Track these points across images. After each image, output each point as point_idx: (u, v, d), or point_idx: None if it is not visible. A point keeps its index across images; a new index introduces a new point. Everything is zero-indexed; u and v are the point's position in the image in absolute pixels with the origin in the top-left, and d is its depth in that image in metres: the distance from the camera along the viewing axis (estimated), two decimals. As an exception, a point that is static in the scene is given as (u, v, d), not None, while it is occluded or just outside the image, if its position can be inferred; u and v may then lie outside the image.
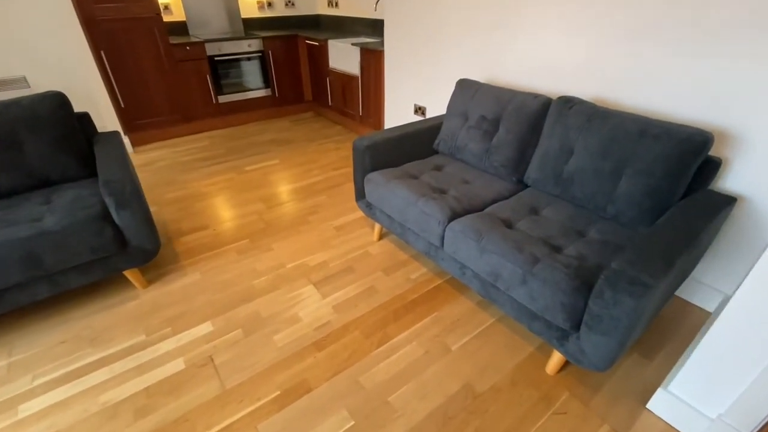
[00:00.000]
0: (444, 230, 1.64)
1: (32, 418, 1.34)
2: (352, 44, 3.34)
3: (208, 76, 3.76)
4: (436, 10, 2.52)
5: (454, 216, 1.65)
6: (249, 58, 3.94)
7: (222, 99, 3.95)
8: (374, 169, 2.04)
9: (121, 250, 1.71)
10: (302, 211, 2.55)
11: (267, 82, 4.16)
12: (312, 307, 1.80)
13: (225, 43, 3.74)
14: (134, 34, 3.26)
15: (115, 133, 2.10)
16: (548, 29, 1.96)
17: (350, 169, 3.13)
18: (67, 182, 1.92)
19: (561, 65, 1.96)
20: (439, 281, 1.95)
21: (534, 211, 1.69)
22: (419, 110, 2.98)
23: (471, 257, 1.53)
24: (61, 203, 1.70)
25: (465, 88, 2.13)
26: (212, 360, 1.55)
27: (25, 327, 1.69)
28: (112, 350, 1.59)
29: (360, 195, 2.14)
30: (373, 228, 2.36)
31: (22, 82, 3.30)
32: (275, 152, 3.48)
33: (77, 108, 3.65)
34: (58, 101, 1.85)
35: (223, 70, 3.85)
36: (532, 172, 1.82)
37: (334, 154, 3.43)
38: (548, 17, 1.94)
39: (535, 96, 1.85)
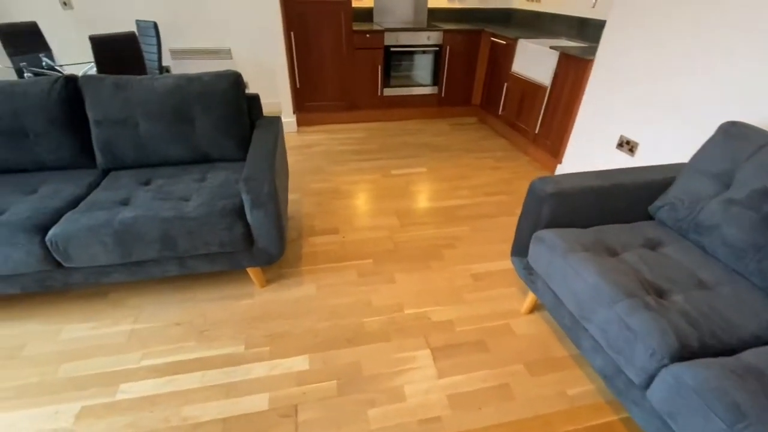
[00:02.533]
0: (659, 370, 1.01)
1: (123, 405, 1.31)
2: (550, 47, 2.70)
3: (380, 66, 3.63)
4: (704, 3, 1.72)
5: (684, 352, 1.00)
6: (424, 52, 3.66)
7: (387, 92, 3.80)
8: (552, 224, 1.48)
9: (247, 248, 1.60)
10: (438, 241, 2.14)
11: (435, 80, 3.84)
12: (422, 384, 1.39)
13: (404, 34, 3.53)
14: (322, 18, 3.30)
15: (277, 121, 2.04)
16: None
17: (507, 198, 2.57)
18: (224, 161, 1.93)
19: None
20: (612, 417, 1.31)
21: None
22: (626, 145, 2.20)
23: (706, 442, 0.88)
24: (210, 185, 1.68)
25: (735, 138, 1.35)
26: (296, 412, 1.30)
27: (154, 296, 1.75)
28: (211, 353, 1.49)
29: (519, 250, 1.61)
30: (524, 294, 1.80)
31: (228, 53, 3.70)
32: (426, 158, 3.14)
33: (260, 83, 3.98)
34: (233, 81, 1.84)
35: (395, 62, 3.67)
36: None
37: (490, 173, 2.91)
38: None
39: None
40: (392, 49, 3.57)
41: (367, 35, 3.45)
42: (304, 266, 1.94)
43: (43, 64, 2.72)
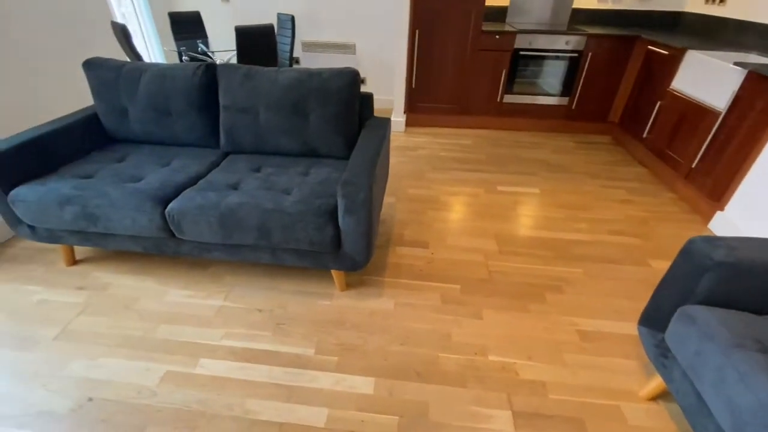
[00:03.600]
0: None
1: (199, 380, 1.37)
2: (734, 63, 2.12)
3: (504, 70, 3.33)
4: None
5: None
6: (558, 57, 3.25)
7: (507, 98, 3.48)
8: (709, 300, 1.11)
9: (335, 250, 1.56)
10: (542, 279, 1.85)
11: (567, 89, 3.38)
12: (496, 454, 1.18)
13: (540, 37, 3.17)
14: (451, 16, 3.13)
15: (386, 123, 1.96)
16: None
17: (638, 242, 2.12)
18: (329, 158, 1.93)
19: None
20: None
21: None
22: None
23: None
24: (312, 181, 1.68)
25: None
26: (351, 440, 1.21)
27: (246, 277, 1.83)
28: (282, 349, 1.49)
29: (653, 321, 1.26)
30: (648, 374, 1.43)
31: (352, 48, 3.79)
32: (540, 178, 2.79)
33: (377, 79, 4.00)
34: (350, 80, 1.80)
35: (522, 67, 3.33)
36: None
37: (619, 208, 2.44)
38: None
39: None
40: (522, 52, 3.24)
41: (497, 36, 3.19)
42: (387, 277, 1.84)
43: (199, 49, 3.11)
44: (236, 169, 1.80)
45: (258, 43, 2.68)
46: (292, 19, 3.18)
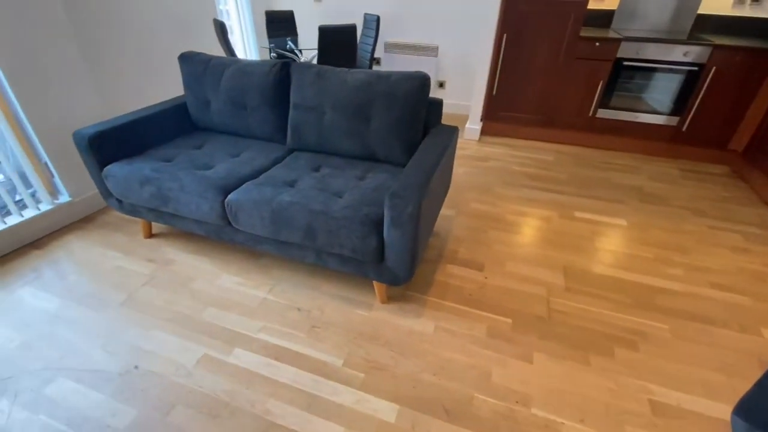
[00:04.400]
0: None
1: (230, 369, 1.40)
2: None
3: (602, 81, 2.97)
4: None
5: None
6: (672, 71, 2.79)
7: (602, 113, 3.10)
8: None
9: (377, 262, 1.50)
10: (613, 329, 1.58)
11: (679, 108, 2.90)
12: None
13: (650, 46, 2.76)
14: (546, 20, 2.87)
15: (452, 133, 1.84)
16: None
17: (750, 303, 1.71)
18: (387, 163, 1.87)
19: None
20: None
21: None
22: None
23: None
24: (366, 187, 1.63)
25: None
26: (361, 469, 1.14)
27: (291, 273, 1.85)
28: (312, 353, 1.47)
29: (755, 414, 0.98)
30: (737, 474, 1.13)
31: (434, 50, 3.68)
32: (629, 207, 2.42)
33: (456, 84, 3.84)
34: (418, 84, 1.72)
35: (624, 79, 2.93)
36: None
37: (730, 257, 2.01)
38: None
39: None
40: (626, 62, 2.85)
41: (597, 43, 2.84)
42: (430, 296, 1.73)
43: (287, 47, 3.26)
44: (297, 167, 1.82)
45: (339, 43, 2.72)
46: (378, 19, 3.17)
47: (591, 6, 3.08)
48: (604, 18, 3.16)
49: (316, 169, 1.83)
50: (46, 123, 1.96)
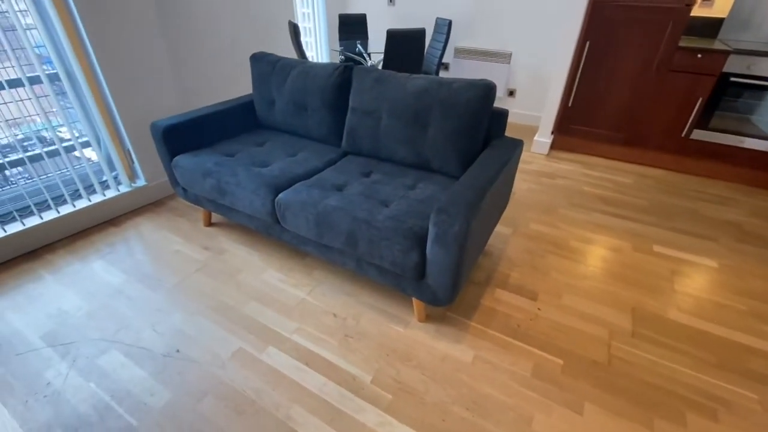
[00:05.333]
0: None
1: (261, 367, 1.41)
2: None
3: (701, 98, 2.59)
4: None
5: None
6: (796, 90, 2.35)
7: (697, 134, 2.71)
8: None
9: (417, 278, 1.42)
10: (685, 390, 1.34)
11: (801, 134, 2.44)
12: None
13: (767, 60, 2.35)
14: (638, 27, 2.57)
15: (515, 146, 1.70)
16: None
17: None
18: (441, 174, 1.78)
19: None
20: None
21: None
22: None
23: None
24: (415, 197, 1.56)
25: None
26: (376, 499, 1.07)
27: (333, 277, 1.84)
28: (342, 364, 1.43)
29: None
30: None
31: (507, 57, 3.50)
32: (722, 246, 2.07)
33: (528, 93, 3.61)
34: (482, 93, 1.61)
35: (729, 97, 2.53)
36: None
37: None
38: None
39: None
40: (733, 78, 2.46)
41: (699, 55, 2.49)
42: (474, 321, 1.61)
43: (356, 50, 3.29)
44: (348, 171, 1.80)
45: (406, 47, 2.67)
46: (449, 23, 3.08)
47: (695, 12, 2.71)
48: (710, 27, 2.76)
49: (366, 174, 1.80)
50: (131, 114, 2.16)
